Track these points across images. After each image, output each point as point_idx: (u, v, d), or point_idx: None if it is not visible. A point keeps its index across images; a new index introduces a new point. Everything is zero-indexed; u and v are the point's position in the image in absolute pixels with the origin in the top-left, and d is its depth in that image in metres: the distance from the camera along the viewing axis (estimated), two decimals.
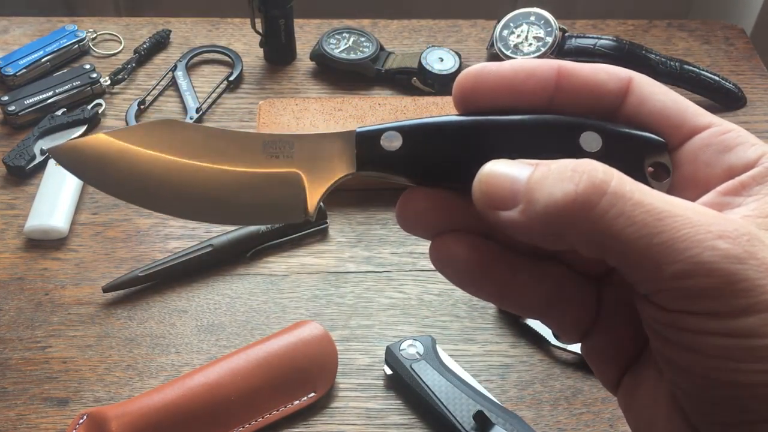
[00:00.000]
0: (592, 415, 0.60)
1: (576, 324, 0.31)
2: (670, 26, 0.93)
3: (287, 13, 0.83)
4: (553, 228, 0.26)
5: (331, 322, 0.64)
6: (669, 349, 0.26)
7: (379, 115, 0.75)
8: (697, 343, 0.25)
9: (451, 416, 0.56)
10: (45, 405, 0.59)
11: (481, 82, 0.29)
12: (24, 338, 0.63)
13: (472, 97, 0.30)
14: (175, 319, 0.65)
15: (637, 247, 0.25)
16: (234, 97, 0.83)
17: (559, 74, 0.29)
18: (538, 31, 0.85)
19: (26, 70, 0.82)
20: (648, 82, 0.30)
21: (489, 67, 0.30)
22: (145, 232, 0.71)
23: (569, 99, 0.29)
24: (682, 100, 0.30)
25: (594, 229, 0.25)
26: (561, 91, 0.29)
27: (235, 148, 0.30)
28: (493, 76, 0.29)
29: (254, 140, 0.30)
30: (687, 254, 0.24)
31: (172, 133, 0.31)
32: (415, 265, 0.69)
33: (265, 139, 0.30)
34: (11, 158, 0.74)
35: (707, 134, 0.29)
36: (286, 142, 0.30)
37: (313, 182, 0.30)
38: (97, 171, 0.30)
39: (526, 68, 0.29)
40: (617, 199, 0.25)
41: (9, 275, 0.67)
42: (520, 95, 0.29)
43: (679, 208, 0.25)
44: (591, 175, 0.25)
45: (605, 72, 0.30)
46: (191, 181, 0.30)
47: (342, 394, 0.60)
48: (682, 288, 0.24)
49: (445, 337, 0.64)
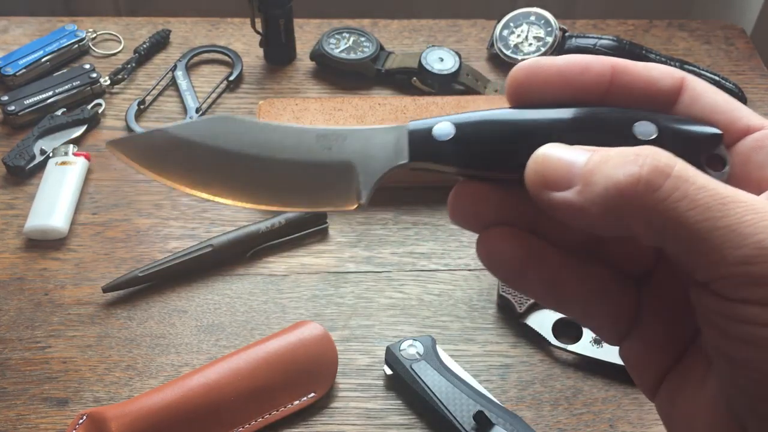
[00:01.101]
0: (592, 415, 0.59)
1: (615, 325, 0.30)
2: (671, 26, 0.93)
3: (287, 13, 0.83)
4: (613, 210, 0.25)
5: (331, 322, 0.64)
6: (726, 342, 0.25)
7: (379, 115, 0.75)
8: (758, 335, 0.24)
9: (451, 416, 0.56)
10: (45, 405, 0.59)
11: (534, 75, 0.29)
12: (24, 338, 0.63)
13: (525, 89, 0.30)
14: (175, 320, 0.65)
15: (700, 230, 0.24)
16: (234, 97, 0.83)
17: (614, 70, 0.29)
18: (538, 31, 0.85)
19: (26, 69, 0.82)
20: (700, 82, 0.30)
21: (543, 60, 0.30)
22: (145, 232, 0.71)
23: (622, 96, 0.29)
24: (734, 101, 0.29)
25: (656, 212, 0.25)
26: (615, 87, 0.29)
27: (291, 140, 0.32)
28: (547, 69, 0.29)
29: (308, 133, 0.32)
30: (753, 239, 0.24)
31: (229, 128, 0.32)
32: (415, 265, 0.69)
33: (319, 132, 0.32)
34: (11, 158, 0.74)
35: (760, 135, 0.28)
36: (339, 135, 0.31)
37: (366, 172, 0.31)
38: (157, 161, 0.32)
39: (581, 63, 0.29)
40: (681, 182, 0.25)
41: (9, 275, 0.67)
42: (574, 90, 0.29)
43: (742, 194, 0.25)
44: (654, 158, 0.25)
45: (659, 70, 0.29)
46: (249, 170, 0.32)
47: (342, 394, 0.60)
48: (745, 274, 0.24)
49: (445, 337, 0.64)
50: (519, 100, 0.30)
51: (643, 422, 0.59)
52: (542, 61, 0.30)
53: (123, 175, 0.75)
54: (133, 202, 0.73)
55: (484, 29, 0.91)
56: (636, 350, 0.30)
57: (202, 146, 0.32)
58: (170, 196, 0.73)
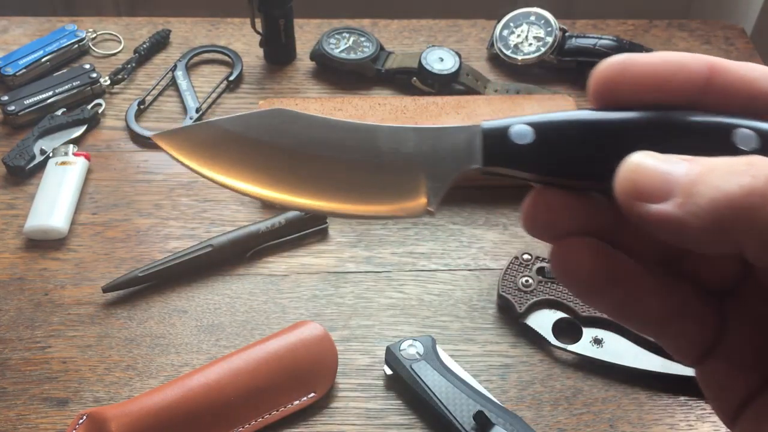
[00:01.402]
0: (592, 416, 0.59)
1: (694, 344, 0.28)
2: (670, 26, 0.93)
3: (287, 13, 0.83)
4: (720, 225, 0.23)
5: (331, 322, 0.64)
6: None
7: (379, 115, 0.75)
8: None
9: (451, 416, 0.56)
10: (45, 405, 0.59)
11: (625, 74, 0.27)
12: (24, 338, 0.63)
13: (613, 89, 0.27)
14: (175, 320, 0.65)
15: None
16: (234, 97, 0.83)
17: (711, 69, 0.27)
18: (538, 31, 0.85)
19: (26, 69, 0.82)
20: None
21: (634, 57, 0.27)
22: (145, 232, 0.71)
23: (719, 97, 0.27)
24: None
25: None
26: (711, 88, 0.27)
27: (352, 138, 0.29)
28: (639, 67, 0.27)
29: (372, 131, 0.29)
30: None
31: (285, 123, 0.30)
32: (415, 265, 0.69)
33: (384, 130, 0.29)
34: (11, 158, 0.74)
35: None
36: (406, 135, 0.29)
37: (435, 176, 0.29)
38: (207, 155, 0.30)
39: (676, 61, 0.27)
40: None
41: (9, 275, 0.67)
42: (666, 91, 0.27)
43: None
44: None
45: (760, 71, 0.27)
46: (307, 170, 0.29)
47: (342, 394, 0.60)
48: None
49: (445, 337, 0.64)
50: (604, 100, 0.28)
51: (643, 422, 0.59)
52: (633, 58, 0.27)
53: (123, 175, 0.75)
54: (133, 202, 0.73)
55: (484, 29, 0.91)
56: (717, 372, 0.28)
57: (255, 142, 0.29)
58: (170, 196, 0.73)
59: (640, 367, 0.61)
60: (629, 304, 0.28)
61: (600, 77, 0.28)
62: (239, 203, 0.73)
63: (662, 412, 0.60)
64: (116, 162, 0.77)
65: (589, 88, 0.28)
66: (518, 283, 0.64)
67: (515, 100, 0.77)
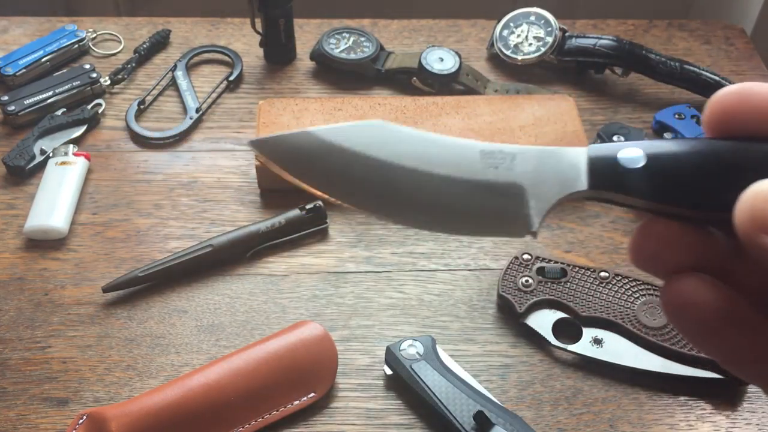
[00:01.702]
0: (592, 415, 0.59)
1: None
2: (671, 26, 0.93)
3: (287, 13, 0.83)
4: None
5: (331, 322, 0.64)
6: None
7: (379, 115, 0.75)
8: None
9: (451, 416, 0.56)
10: (45, 405, 0.59)
11: (744, 103, 0.26)
12: (24, 338, 0.63)
13: (731, 118, 0.26)
14: (175, 320, 0.65)
15: None
16: (234, 97, 0.83)
17: None
18: (538, 31, 0.85)
19: (26, 69, 0.82)
20: None
21: (754, 87, 0.26)
22: (145, 232, 0.71)
23: None
24: None
25: None
26: None
27: (452, 155, 0.29)
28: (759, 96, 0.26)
29: (471, 148, 0.29)
30: None
31: (383, 135, 0.29)
32: (415, 265, 0.69)
33: (484, 148, 0.29)
34: (11, 158, 0.74)
35: None
36: (508, 154, 0.29)
37: (538, 197, 0.28)
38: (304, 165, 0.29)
39: None
40: None
41: (9, 275, 0.67)
42: None
43: None
44: None
45: None
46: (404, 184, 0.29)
47: (342, 394, 0.60)
48: None
49: (445, 337, 0.64)
50: (721, 129, 0.26)
51: (643, 422, 0.59)
52: (754, 88, 0.26)
53: (123, 176, 0.75)
54: (133, 202, 0.73)
55: (484, 29, 0.91)
56: None
57: (353, 153, 0.29)
58: (170, 196, 0.74)
59: (640, 367, 0.61)
60: (745, 348, 0.26)
61: (717, 106, 0.26)
62: (239, 203, 0.73)
63: (662, 412, 0.60)
64: (116, 162, 0.77)
65: (704, 116, 0.27)
66: (518, 283, 0.64)
67: (515, 100, 0.77)
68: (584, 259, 0.69)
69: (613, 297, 0.63)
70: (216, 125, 0.80)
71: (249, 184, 0.75)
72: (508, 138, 0.73)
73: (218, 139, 0.79)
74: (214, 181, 0.75)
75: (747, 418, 0.60)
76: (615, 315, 0.62)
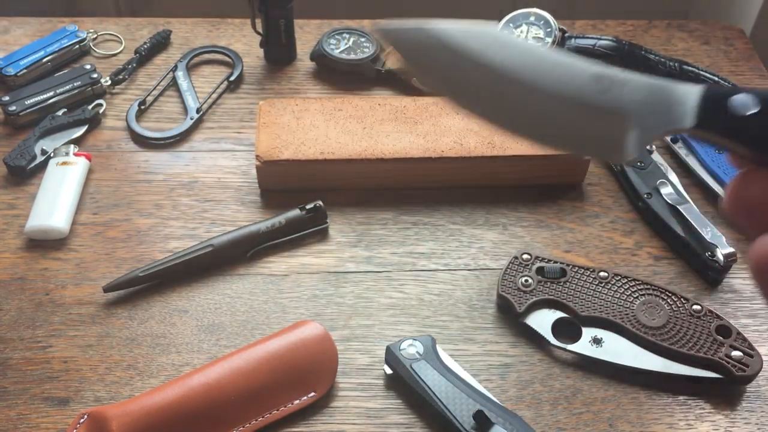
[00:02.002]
0: (592, 415, 0.60)
1: None
2: (670, 26, 0.93)
3: (287, 13, 0.83)
4: None
5: (331, 322, 0.65)
6: None
7: (379, 115, 0.75)
8: None
9: (451, 416, 0.56)
10: (45, 405, 0.59)
11: None
12: (25, 338, 0.63)
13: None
14: (176, 319, 0.65)
15: None
16: (234, 97, 0.83)
17: None
18: (538, 31, 0.85)
19: (27, 70, 0.82)
20: None
21: None
22: (145, 232, 0.71)
23: None
24: None
25: None
26: None
27: (563, 71, 0.29)
28: None
29: (583, 69, 0.29)
30: None
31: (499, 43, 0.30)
32: (415, 265, 0.69)
33: (596, 71, 0.29)
34: (12, 158, 0.75)
35: None
36: (619, 80, 0.29)
37: (642, 126, 0.28)
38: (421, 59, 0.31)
39: None
40: None
41: (9, 275, 0.67)
42: None
43: None
44: None
45: None
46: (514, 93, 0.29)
47: (342, 394, 0.61)
48: None
49: (445, 337, 0.64)
50: None
51: (643, 422, 0.59)
52: None
53: (123, 176, 0.75)
54: (134, 202, 0.73)
55: None
56: None
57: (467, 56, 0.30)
58: (170, 196, 0.74)
59: (639, 366, 0.61)
60: None
61: None
62: (239, 203, 0.73)
63: (661, 411, 0.60)
64: (117, 162, 0.77)
65: None
66: (518, 282, 0.64)
67: None
68: (584, 259, 0.69)
69: (613, 297, 0.63)
70: (216, 125, 0.80)
71: (249, 184, 0.75)
72: (507, 137, 0.73)
73: (219, 140, 0.79)
74: (215, 181, 0.75)
75: (746, 417, 0.60)
76: (614, 315, 0.62)
